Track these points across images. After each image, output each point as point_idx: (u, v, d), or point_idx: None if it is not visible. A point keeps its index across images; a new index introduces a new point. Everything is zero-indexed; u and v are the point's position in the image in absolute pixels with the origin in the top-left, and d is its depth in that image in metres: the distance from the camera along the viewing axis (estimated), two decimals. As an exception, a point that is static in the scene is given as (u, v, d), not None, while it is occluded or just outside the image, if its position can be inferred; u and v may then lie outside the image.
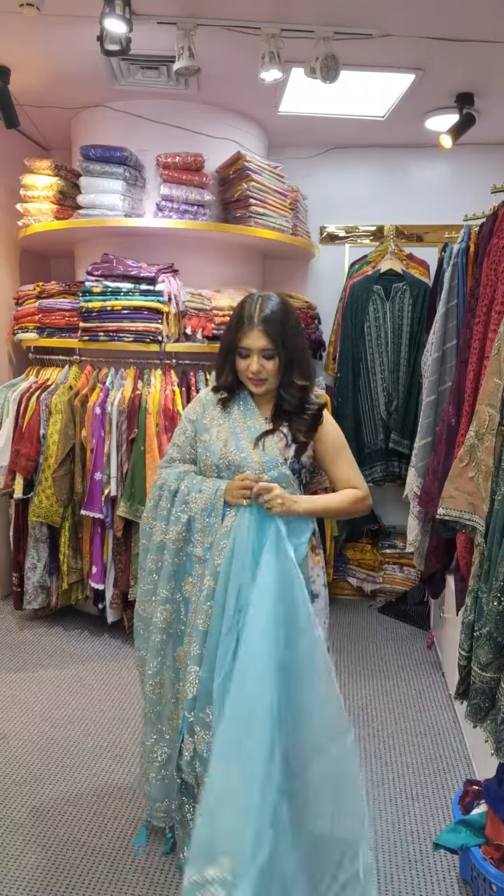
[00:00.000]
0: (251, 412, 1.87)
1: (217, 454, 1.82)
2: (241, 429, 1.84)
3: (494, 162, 3.94)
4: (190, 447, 1.92)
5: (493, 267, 2.21)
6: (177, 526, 1.83)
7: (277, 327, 1.75)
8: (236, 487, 1.75)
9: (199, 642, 1.77)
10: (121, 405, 3.14)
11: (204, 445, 1.86)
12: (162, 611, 1.86)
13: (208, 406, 1.91)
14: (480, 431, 1.82)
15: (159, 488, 1.89)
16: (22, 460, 3.25)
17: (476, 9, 2.48)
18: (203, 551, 1.81)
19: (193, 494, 1.82)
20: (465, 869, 1.88)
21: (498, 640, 1.71)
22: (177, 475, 1.88)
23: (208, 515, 1.80)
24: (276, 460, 1.79)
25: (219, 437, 1.83)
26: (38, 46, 2.84)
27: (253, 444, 1.81)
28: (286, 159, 3.92)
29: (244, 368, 1.80)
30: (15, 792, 2.24)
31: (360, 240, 4.16)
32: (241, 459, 1.80)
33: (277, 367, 1.79)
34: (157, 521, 1.89)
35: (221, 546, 1.77)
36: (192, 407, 1.95)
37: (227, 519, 1.78)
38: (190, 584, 1.85)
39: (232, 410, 1.88)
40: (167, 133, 3.42)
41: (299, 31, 2.60)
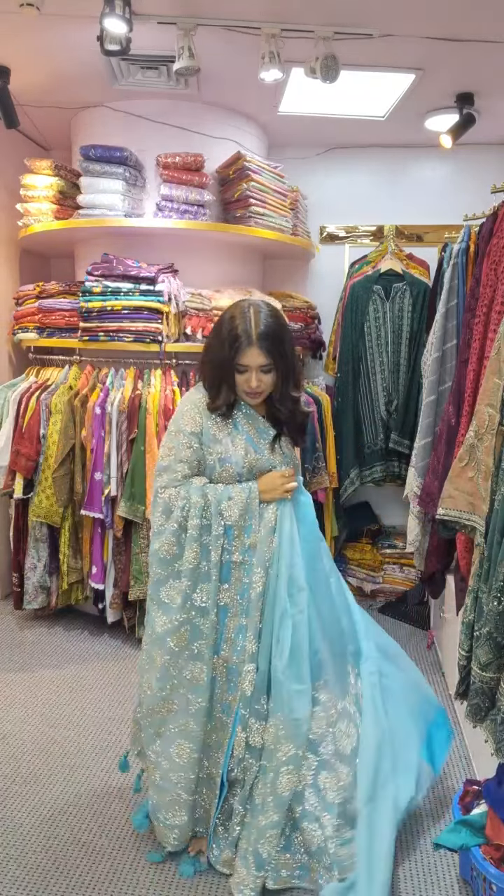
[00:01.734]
0: (254, 417, 1.93)
1: (240, 463, 1.86)
2: (253, 434, 1.91)
3: (494, 162, 3.95)
4: (197, 461, 1.88)
5: (493, 267, 2.21)
6: (219, 540, 1.84)
7: (276, 343, 1.78)
8: (281, 485, 1.88)
9: (255, 638, 1.84)
10: (121, 405, 3.14)
11: (217, 457, 1.87)
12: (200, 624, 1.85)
13: (205, 416, 1.89)
14: (480, 431, 1.82)
15: (182, 509, 1.84)
16: (22, 460, 3.25)
17: (476, 9, 2.48)
18: (241, 554, 1.86)
19: (225, 503, 1.84)
20: (465, 869, 1.88)
21: (498, 640, 1.71)
22: (198, 490, 1.84)
23: (244, 518, 1.85)
24: (291, 454, 1.98)
25: (236, 445, 1.87)
26: (38, 46, 2.84)
27: (270, 447, 1.92)
28: (286, 159, 3.92)
29: (242, 383, 1.83)
30: (15, 792, 2.24)
31: (360, 240, 4.16)
32: (263, 462, 1.90)
33: (274, 380, 1.85)
34: (187, 545, 1.83)
35: (269, 541, 1.86)
36: (191, 417, 1.89)
37: (268, 513, 1.87)
38: (225, 591, 1.87)
39: (237, 418, 1.90)
40: (167, 133, 3.42)
41: (299, 31, 2.60)
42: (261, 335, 1.76)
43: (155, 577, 1.89)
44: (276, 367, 1.81)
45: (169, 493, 1.86)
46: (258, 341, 1.76)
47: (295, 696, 1.81)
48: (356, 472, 3.77)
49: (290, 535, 1.88)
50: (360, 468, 3.80)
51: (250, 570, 1.85)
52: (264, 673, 1.83)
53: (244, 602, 1.86)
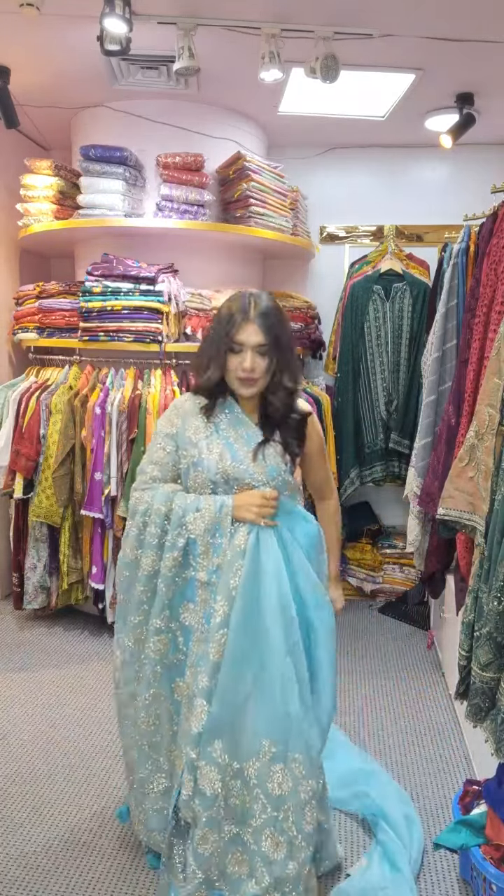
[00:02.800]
0: (240, 420, 1.74)
1: (213, 469, 1.68)
2: (235, 439, 1.71)
3: (494, 162, 3.95)
4: (172, 465, 1.75)
5: (493, 267, 2.21)
6: (173, 552, 1.68)
7: (274, 323, 1.66)
8: (258, 505, 1.66)
9: (209, 673, 1.63)
10: (121, 405, 3.14)
11: (192, 461, 1.71)
12: (156, 641, 1.71)
13: (188, 417, 1.75)
14: (480, 431, 1.82)
15: (143, 514, 1.72)
16: (22, 460, 3.25)
17: (476, 9, 2.48)
18: (208, 574, 1.67)
19: (191, 515, 1.67)
20: (465, 869, 1.88)
21: (498, 640, 1.71)
22: (163, 496, 1.70)
23: (213, 535, 1.66)
24: (279, 468, 1.71)
25: (211, 450, 1.69)
26: (38, 46, 2.84)
27: (252, 455, 1.70)
28: (286, 159, 3.92)
29: (235, 366, 1.66)
30: (15, 792, 2.24)
31: (360, 240, 4.16)
32: (241, 472, 1.69)
33: (268, 367, 1.68)
34: (144, 550, 1.72)
35: (236, 567, 1.64)
36: (168, 419, 1.78)
37: (237, 537, 1.66)
38: (191, 611, 1.71)
39: (219, 420, 1.73)
40: (167, 133, 3.42)
41: (299, 31, 2.60)
42: (259, 313, 1.64)
43: (121, 578, 1.80)
44: (272, 351, 1.66)
45: (136, 495, 1.76)
46: (256, 318, 1.64)
47: (307, 729, 1.65)
48: (356, 472, 3.77)
49: (275, 568, 1.65)
50: (360, 468, 3.80)
51: (216, 593, 1.66)
52: (218, 718, 1.61)
53: (208, 628, 1.67)
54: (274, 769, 1.62)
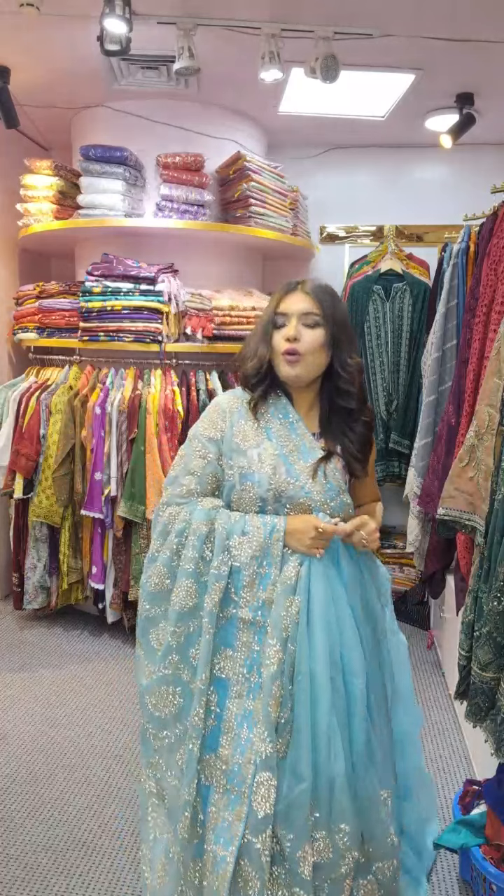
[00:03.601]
0: (294, 425, 1.49)
1: (264, 483, 1.43)
2: (290, 449, 1.46)
3: (494, 162, 3.95)
4: (212, 476, 1.49)
5: (493, 267, 2.21)
6: (220, 581, 1.40)
7: (329, 297, 1.45)
8: (311, 537, 1.39)
9: (270, 737, 1.31)
10: (121, 405, 3.14)
11: (240, 473, 1.46)
12: (199, 707, 1.38)
13: (236, 419, 1.50)
14: (480, 431, 1.82)
15: (180, 533, 1.45)
16: (22, 460, 3.25)
17: (476, 9, 2.48)
18: (252, 612, 1.40)
19: (236, 538, 1.42)
20: (465, 869, 1.88)
21: (498, 640, 1.70)
22: (204, 514, 1.45)
23: (260, 564, 1.41)
24: (339, 487, 1.48)
25: (263, 460, 1.44)
26: (38, 46, 2.84)
27: (312, 471, 1.45)
28: (286, 159, 3.91)
29: (278, 341, 1.44)
30: (15, 792, 2.24)
31: (360, 240, 4.16)
32: (296, 490, 1.44)
33: (320, 343, 1.42)
34: (181, 579, 1.43)
35: (288, 604, 1.38)
36: (212, 421, 1.52)
37: (288, 567, 1.41)
38: (229, 658, 1.41)
39: (270, 423, 1.48)
40: (167, 133, 3.42)
41: (299, 31, 2.60)
42: (310, 285, 1.45)
43: (143, 613, 1.50)
44: (326, 325, 1.42)
45: (169, 511, 1.49)
46: (305, 287, 1.44)
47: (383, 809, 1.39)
48: (356, 472, 3.77)
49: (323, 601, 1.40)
50: (360, 468, 3.79)
51: (263, 635, 1.39)
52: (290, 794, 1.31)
53: (253, 679, 1.37)
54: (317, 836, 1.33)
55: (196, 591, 1.43)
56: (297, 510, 1.45)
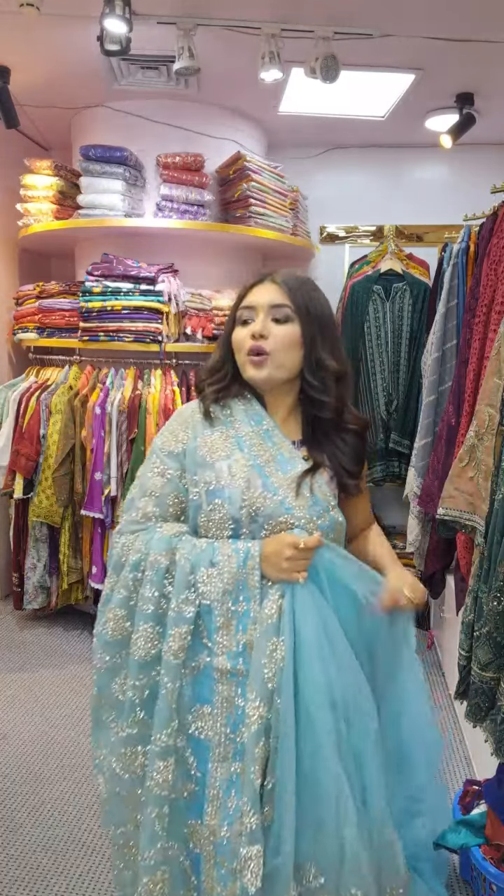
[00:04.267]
0: (269, 432, 1.26)
1: (237, 501, 1.20)
2: (265, 460, 1.23)
3: (494, 162, 3.95)
4: (174, 496, 1.25)
5: (493, 267, 2.21)
6: (180, 626, 1.17)
7: (303, 289, 1.26)
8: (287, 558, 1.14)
9: (255, 808, 1.10)
10: (121, 405, 3.14)
11: (207, 489, 1.22)
12: (163, 769, 1.16)
13: (200, 429, 1.27)
14: (480, 431, 1.82)
15: (135, 566, 1.22)
16: (22, 460, 3.25)
17: (476, 9, 2.48)
18: (231, 659, 1.15)
19: (203, 570, 1.18)
20: (465, 869, 1.88)
21: (498, 640, 1.71)
22: (163, 542, 1.20)
23: (235, 600, 1.16)
24: (327, 502, 1.25)
25: (234, 473, 1.21)
26: (38, 46, 2.84)
27: (293, 484, 1.22)
28: (286, 159, 3.91)
29: (242, 339, 1.24)
30: (15, 792, 2.24)
31: (360, 240, 4.16)
32: (275, 507, 1.21)
33: (293, 341, 1.22)
34: (139, 624, 1.19)
35: (271, 648, 1.13)
36: (172, 432, 1.29)
37: (268, 602, 1.16)
38: (206, 717, 1.18)
39: (240, 431, 1.26)
40: (167, 133, 3.42)
41: (299, 31, 2.60)
42: (282, 276, 1.26)
43: (102, 665, 1.25)
44: (299, 320, 1.23)
45: (123, 541, 1.26)
46: (276, 275, 1.26)
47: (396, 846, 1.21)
48: (356, 472, 3.77)
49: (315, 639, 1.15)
50: (360, 468, 3.80)
51: (244, 687, 1.15)
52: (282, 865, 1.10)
53: (239, 738, 1.14)
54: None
55: (159, 636, 1.19)
56: (278, 531, 1.20)
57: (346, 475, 1.29)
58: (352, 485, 1.30)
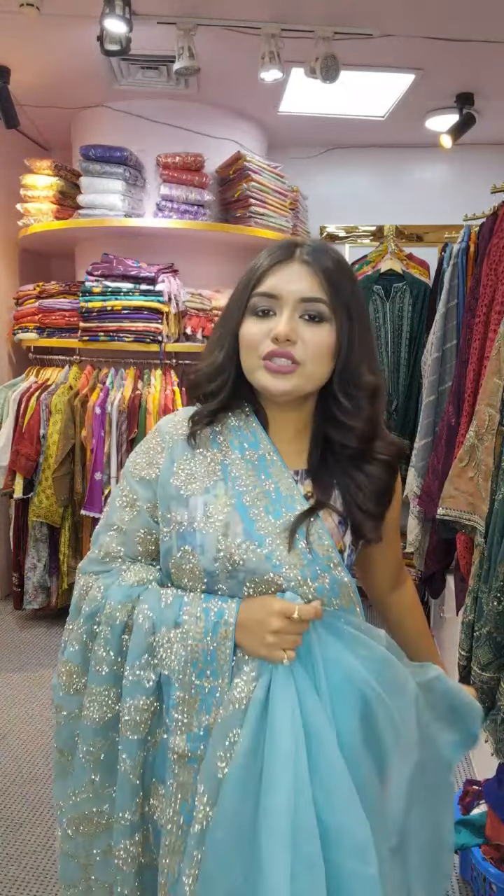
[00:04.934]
0: (265, 459, 0.98)
1: (210, 550, 0.94)
2: (254, 497, 0.95)
3: (494, 162, 3.95)
4: (145, 532, 1.02)
5: (493, 267, 2.21)
6: (136, 697, 0.96)
7: (337, 271, 0.93)
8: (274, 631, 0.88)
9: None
10: (121, 405, 3.14)
11: (177, 532, 0.96)
12: (127, 846, 0.98)
13: (179, 451, 1.00)
14: (480, 431, 1.82)
15: (88, 618, 1.03)
16: (22, 460, 3.25)
17: (476, 9, 2.48)
18: (190, 742, 0.92)
19: (164, 632, 0.94)
20: (465, 869, 1.88)
21: (498, 640, 1.71)
22: (123, 592, 0.99)
23: (201, 674, 0.92)
24: (330, 559, 0.95)
25: (211, 514, 0.95)
26: (38, 46, 2.84)
27: (285, 532, 0.94)
28: (286, 159, 3.92)
29: (260, 337, 0.92)
30: (15, 792, 2.24)
31: (360, 240, 4.16)
32: (258, 562, 0.93)
33: (329, 349, 0.93)
34: (92, 686, 1.00)
35: (231, 740, 0.89)
36: (146, 452, 1.03)
37: (239, 681, 0.91)
38: (161, 798, 0.97)
39: (228, 457, 0.98)
40: (167, 133, 3.42)
41: (299, 31, 2.60)
42: (313, 250, 0.93)
43: (57, 719, 1.06)
44: (337, 317, 0.92)
45: (82, 581, 1.06)
46: (304, 251, 0.93)
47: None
48: (356, 472, 3.77)
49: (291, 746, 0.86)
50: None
51: (197, 775, 0.92)
52: None
53: (190, 831, 0.91)
54: None
55: (117, 698, 0.99)
56: (264, 592, 0.94)
57: (364, 518, 0.98)
58: (371, 529, 0.98)
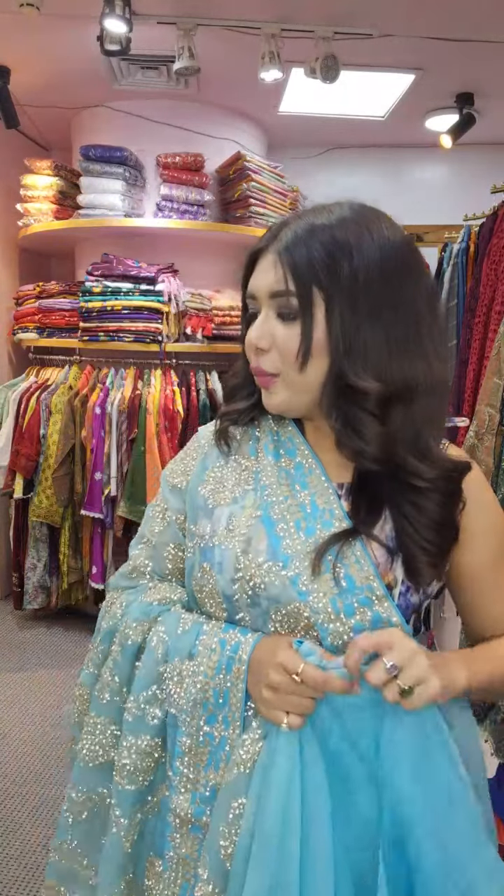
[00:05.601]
0: (303, 467, 0.83)
1: (228, 570, 0.80)
2: (284, 510, 0.80)
3: (494, 162, 3.94)
4: (175, 546, 0.90)
5: (493, 267, 2.21)
6: (139, 735, 0.81)
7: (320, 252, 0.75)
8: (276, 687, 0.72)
9: None
10: (121, 405, 3.14)
11: (200, 545, 0.85)
12: None
13: (213, 459, 0.89)
14: (480, 431, 1.82)
15: (106, 636, 0.89)
16: (22, 460, 3.25)
17: (476, 9, 2.48)
18: (194, 804, 0.78)
19: (176, 663, 0.80)
20: (465, 869, 1.87)
21: (498, 640, 1.71)
22: (141, 611, 0.86)
23: (211, 719, 0.78)
24: (370, 590, 0.77)
25: (234, 528, 0.81)
26: (38, 46, 2.84)
27: (315, 555, 0.77)
28: (286, 159, 3.92)
29: (246, 345, 0.81)
30: (15, 792, 2.24)
31: (360, 240, 4.16)
32: (282, 587, 0.77)
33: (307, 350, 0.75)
34: (91, 715, 0.88)
35: (235, 812, 0.74)
36: (182, 458, 0.94)
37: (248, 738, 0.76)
38: (156, 876, 0.83)
39: (261, 463, 0.84)
40: (167, 133, 3.42)
41: (299, 31, 2.60)
42: (292, 234, 0.77)
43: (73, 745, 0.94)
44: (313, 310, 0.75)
45: (108, 597, 0.94)
46: (280, 243, 0.77)
47: None
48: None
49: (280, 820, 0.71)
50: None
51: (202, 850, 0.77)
52: None
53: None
54: None
55: (115, 739, 0.85)
56: (290, 625, 0.78)
57: (417, 551, 0.77)
58: (423, 564, 0.77)
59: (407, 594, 0.80)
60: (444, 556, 0.80)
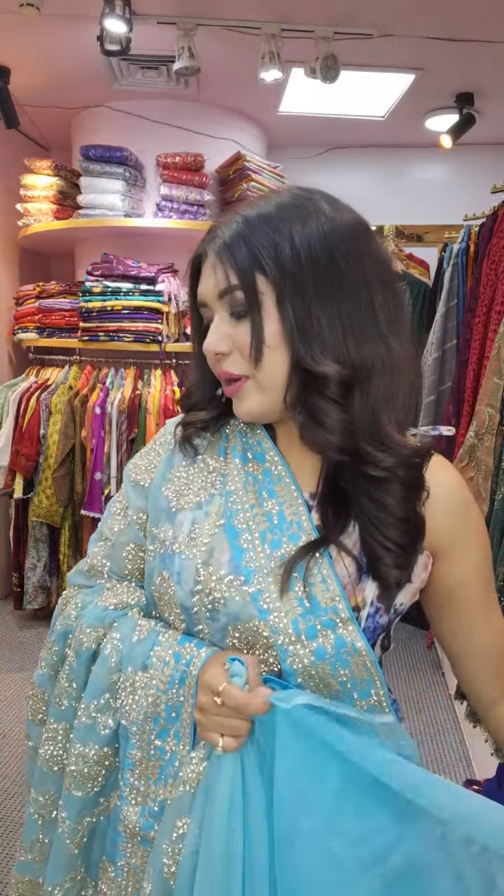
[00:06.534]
0: (271, 473, 0.78)
1: (188, 581, 0.76)
2: (249, 518, 0.76)
3: (494, 162, 3.95)
4: (134, 547, 0.87)
5: (493, 267, 2.22)
6: (88, 743, 0.79)
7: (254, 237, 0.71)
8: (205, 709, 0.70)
9: None
10: (121, 405, 3.14)
11: (160, 552, 0.80)
12: None
13: (180, 455, 0.85)
14: (480, 431, 1.82)
15: (60, 637, 0.86)
16: (22, 460, 3.25)
17: (476, 9, 2.48)
18: (143, 817, 0.76)
19: (129, 673, 0.77)
20: (465, 869, 1.88)
21: (498, 640, 1.71)
22: (96, 615, 0.83)
23: (163, 733, 0.75)
24: (334, 611, 0.72)
25: (196, 534, 0.77)
26: (38, 46, 2.84)
27: (282, 569, 0.73)
28: (286, 159, 3.92)
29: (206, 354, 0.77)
30: (15, 792, 2.24)
31: (360, 240, 4.16)
32: (242, 603, 0.73)
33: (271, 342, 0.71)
34: (50, 719, 0.85)
35: (178, 831, 0.72)
36: (146, 454, 0.89)
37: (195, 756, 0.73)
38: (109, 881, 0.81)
39: (228, 466, 0.80)
40: (167, 133, 3.43)
41: (299, 31, 2.60)
42: (230, 229, 0.73)
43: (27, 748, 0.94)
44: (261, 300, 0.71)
45: (65, 594, 0.94)
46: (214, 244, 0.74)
47: None
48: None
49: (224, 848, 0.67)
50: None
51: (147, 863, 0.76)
52: None
53: None
54: None
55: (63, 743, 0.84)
56: (249, 643, 0.74)
57: (386, 556, 0.72)
58: (386, 565, 0.72)
59: (376, 616, 0.76)
60: (410, 555, 0.74)
